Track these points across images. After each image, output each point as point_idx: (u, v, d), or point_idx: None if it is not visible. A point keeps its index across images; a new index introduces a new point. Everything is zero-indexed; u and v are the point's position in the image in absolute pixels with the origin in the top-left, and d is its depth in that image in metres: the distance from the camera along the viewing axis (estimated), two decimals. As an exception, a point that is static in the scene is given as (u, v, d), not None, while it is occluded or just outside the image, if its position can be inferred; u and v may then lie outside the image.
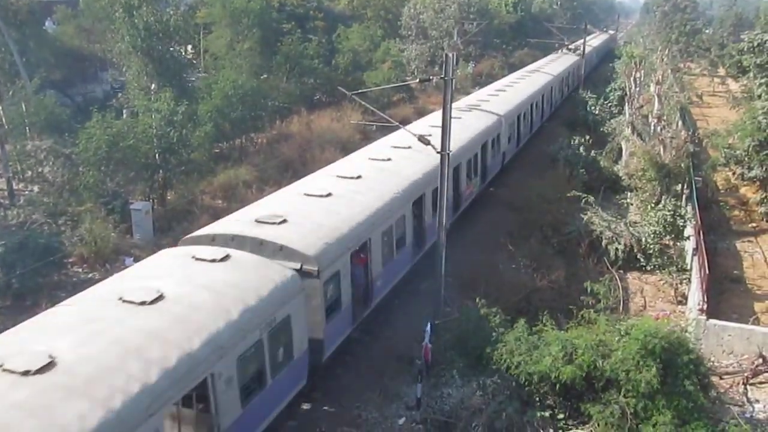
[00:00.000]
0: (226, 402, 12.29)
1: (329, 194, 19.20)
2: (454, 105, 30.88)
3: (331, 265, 16.05)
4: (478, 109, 34.14)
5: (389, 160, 23.48)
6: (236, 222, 17.26)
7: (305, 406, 16.44)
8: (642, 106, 39.98)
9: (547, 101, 49.62)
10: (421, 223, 22.74)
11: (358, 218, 18.18)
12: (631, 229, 25.90)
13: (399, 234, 20.64)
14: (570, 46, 76.34)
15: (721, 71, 78.14)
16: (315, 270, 15.38)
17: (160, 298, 12.47)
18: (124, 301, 12.30)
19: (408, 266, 21.68)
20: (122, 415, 9.96)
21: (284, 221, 16.84)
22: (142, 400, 10.32)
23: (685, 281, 23.34)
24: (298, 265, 15.27)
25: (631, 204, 30.82)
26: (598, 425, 14.66)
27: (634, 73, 41.56)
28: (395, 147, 25.18)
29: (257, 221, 16.84)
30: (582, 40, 67.35)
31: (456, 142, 24.08)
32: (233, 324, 12.57)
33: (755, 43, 31.84)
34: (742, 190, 33.83)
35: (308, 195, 19.19)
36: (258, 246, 15.66)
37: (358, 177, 21.07)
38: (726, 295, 23.12)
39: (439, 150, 18.59)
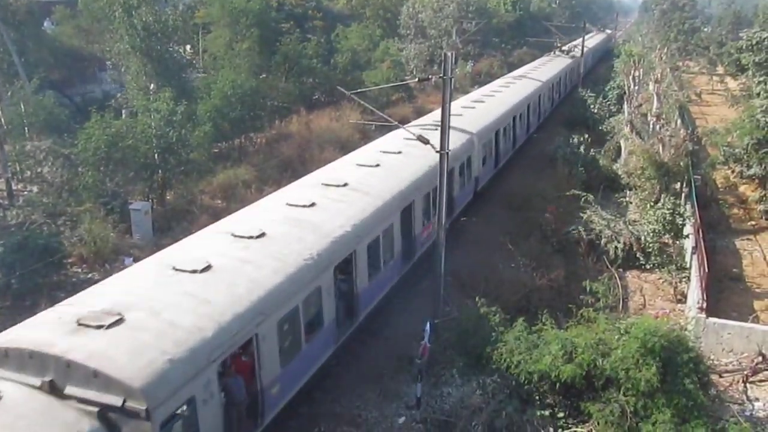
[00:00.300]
0: None
1: (207, 267, 13.86)
2: (415, 123, 28.75)
3: (175, 395, 11.00)
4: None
5: (312, 206, 18.13)
6: (47, 325, 11.74)
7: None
8: (641, 105, 39.96)
9: (534, 111, 44.34)
10: (351, 289, 17.83)
11: (239, 306, 12.94)
12: (630, 227, 25.92)
13: (312, 314, 15.62)
14: (563, 48, 71.51)
15: (720, 69, 78.22)
16: (142, 409, 10.29)
17: None
18: None
19: (329, 350, 16.70)
20: None
21: (118, 321, 11.54)
22: None
23: (684, 279, 23.34)
24: (119, 401, 10.34)
25: (631, 203, 30.84)
26: (598, 424, 14.67)
27: (633, 71, 41.58)
28: (326, 185, 20.01)
29: (80, 323, 11.47)
30: (575, 41, 66.12)
31: (409, 173, 22.04)
32: None
33: (754, 41, 31.80)
34: (741, 189, 33.83)
35: (177, 270, 13.77)
36: (65, 369, 10.59)
37: (261, 235, 15.79)
38: (725, 293, 23.14)
39: (438, 149, 18.65)
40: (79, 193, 28.58)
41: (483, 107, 34.97)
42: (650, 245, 24.96)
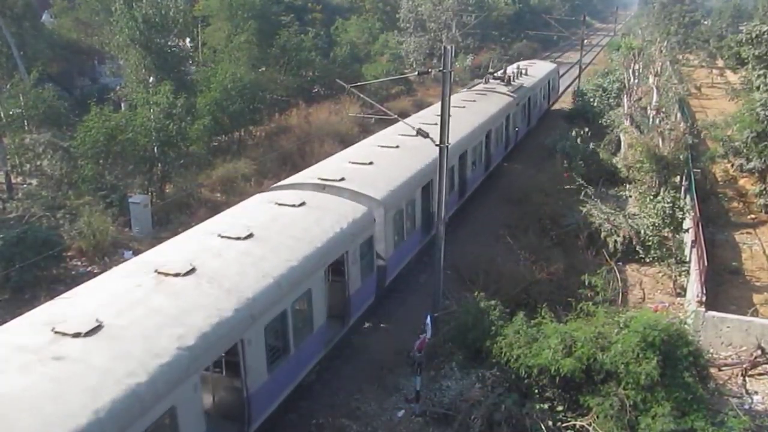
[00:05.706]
0: None
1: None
2: (287, 183, 21.43)
3: None
4: (332, 189, 19.85)
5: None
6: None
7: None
8: (640, 98, 39.89)
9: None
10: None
11: None
12: (629, 221, 25.87)
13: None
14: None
15: (720, 63, 78.11)
16: None
17: None
18: None
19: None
20: None
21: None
22: None
23: (683, 273, 23.33)
24: None
25: (630, 196, 30.81)
26: (597, 417, 14.67)
27: (632, 64, 41.49)
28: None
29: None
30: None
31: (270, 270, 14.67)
32: None
33: (754, 35, 31.68)
34: (741, 182, 33.83)
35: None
36: None
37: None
38: (724, 286, 23.14)
39: (437, 143, 18.64)
40: (78, 186, 28.57)
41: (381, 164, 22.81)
42: (649, 239, 24.92)
